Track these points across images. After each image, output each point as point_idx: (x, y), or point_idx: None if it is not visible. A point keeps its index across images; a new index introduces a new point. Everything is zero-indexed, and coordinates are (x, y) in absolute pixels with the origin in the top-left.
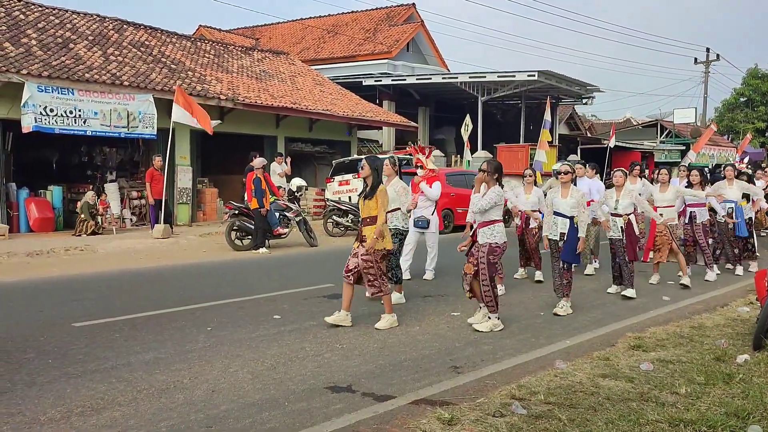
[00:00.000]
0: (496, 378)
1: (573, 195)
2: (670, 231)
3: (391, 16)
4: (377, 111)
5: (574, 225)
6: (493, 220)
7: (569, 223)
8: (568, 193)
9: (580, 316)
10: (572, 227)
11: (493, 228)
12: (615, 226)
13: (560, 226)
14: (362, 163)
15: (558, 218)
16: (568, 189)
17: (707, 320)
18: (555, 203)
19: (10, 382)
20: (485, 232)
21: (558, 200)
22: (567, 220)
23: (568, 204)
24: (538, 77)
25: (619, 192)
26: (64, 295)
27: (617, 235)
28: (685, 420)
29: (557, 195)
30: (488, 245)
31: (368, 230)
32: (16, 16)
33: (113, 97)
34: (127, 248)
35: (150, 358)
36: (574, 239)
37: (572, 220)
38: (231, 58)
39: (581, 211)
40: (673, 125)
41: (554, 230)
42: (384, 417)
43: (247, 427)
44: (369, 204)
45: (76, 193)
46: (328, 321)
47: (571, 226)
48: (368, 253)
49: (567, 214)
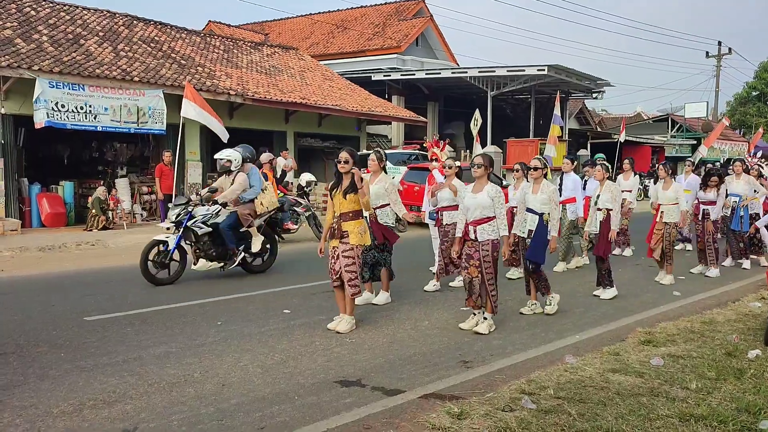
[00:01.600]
0: (505, 373)
1: (544, 191)
2: (667, 230)
3: (401, 11)
4: (386, 106)
5: (543, 222)
6: (491, 216)
7: (538, 220)
8: (539, 189)
9: (590, 312)
10: (541, 224)
11: (492, 224)
12: (596, 221)
13: (529, 223)
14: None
15: (528, 215)
16: (540, 184)
17: (718, 315)
18: (527, 200)
19: (23, 375)
20: (486, 229)
21: (529, 196)
22: (536, 217)
23: (538, 200)
24: (548, 71)
25: (601, 186)
26: (76, 290)
27: (596, 231)
28: (696, 415)
29: (529, 191)
30: (491, 242)
31: (350, 225)
32: (28, 12)
33: (123, 93)
34: (137, 243)
35: (161, 352)
36: (540, 237)
37: (542, 218)
38: (240, 53)
39: (553, 208)
40: (684, 119)
41: (523, 227)
42: (394, 411)
43: (257, 420)
44: (352, 198)
45: (87, 189)
46: (330, 328)
47: (540, 224)
48: (352, 248)
49: (537, 211)
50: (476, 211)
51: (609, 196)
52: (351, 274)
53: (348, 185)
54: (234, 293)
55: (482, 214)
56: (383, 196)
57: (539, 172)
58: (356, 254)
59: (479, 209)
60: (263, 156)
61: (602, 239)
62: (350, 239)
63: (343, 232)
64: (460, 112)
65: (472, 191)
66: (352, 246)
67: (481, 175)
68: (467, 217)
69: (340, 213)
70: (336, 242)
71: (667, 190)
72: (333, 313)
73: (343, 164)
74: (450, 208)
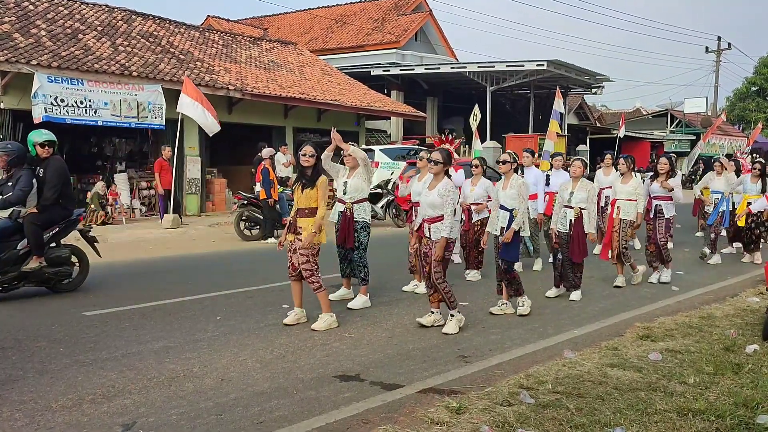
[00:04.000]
0: (504, 367)
1: (513, 185)
2: (621, 228)
3: (400, 6)
4: (385, 101)
5: (514, 219)
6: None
7: (509, 216)
8: (509, 184)
9: (588, 306)
10: (512, 221)
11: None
12: (564, 218)
13: (501, 220)
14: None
15: (500, 212)
16: (509, 179)
17: (716, 310)
18: (499, 196)
19: (22, 369)
20: (438, 228)
21: (500, 192)
22: (507, 214)
23: (508, 195)
24: (547, 67)
25: (575, 183)
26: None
27: (564, 229)
28: (694, 410)
29: (500, 187)
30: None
31: (305, 222)
32: (26, 7)
33: (122, 88)
34: (136, 238)
35: (160, 347)
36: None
37: (512, 214)
38: (239, 48)
39: (519, 201)
40: (684, 115)
41: (495, 224)
42: (392, 406)
43: (256, 415)
44: (309, 194)
45: (86, 184)
46: (286, 323)
47: (510, 220)
48: (305, 247)
49: (507, 207)
50: (429, 210)
51: (585, 195)
52: (307, 271)
53: (308, 180)
54: (233, 288)
55: (435, 213)
56: (363, 190)
57: (508, 166)
58: (310, 252)
59: (431, 208)
60: (265, 151)
61: (576, 242)
62: (304, 236)
63: (297, 228)
64: (459, 108)
65: (428, 188)
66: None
67: (438, 172)
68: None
69: (297, 208)
70: (292, 237)
71: (626, 185)
72: (333, 309)
73: (308, 158)
74: (475, 204)
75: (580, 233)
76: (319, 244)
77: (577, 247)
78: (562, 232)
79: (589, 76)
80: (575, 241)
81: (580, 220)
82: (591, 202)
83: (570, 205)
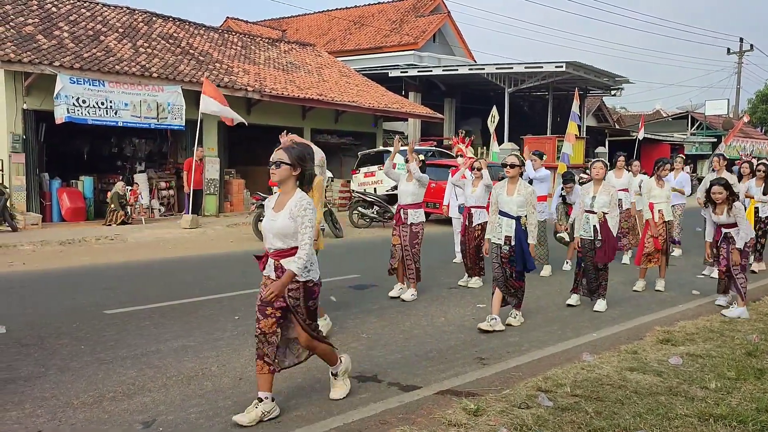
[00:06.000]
0: (522, 370)
1: (520, 192)
2: (666, 231)
3: (418, 7)
4: (403, 102)
5: (521, 227)
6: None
7: (515, 224)
8: (515, 190)
9: (607, 309)
10: (519, 229)
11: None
12: (587, 224)
13: (505, 229)
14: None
15: (503, 219)
16: (516, 185)
17: None
18: (500, 201)
19: (44, 366)
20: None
21: (503, 197)
22: (513, 222)
23: (514, 202)
24: (566, 68)
25: (597, 187)
26: (96, 283)
27: (588, 235)
28: (716, 415)
29: (503, 191)
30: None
31: None
32: (49, 9)
33: (143, 89)
34: (156, 238)
35: (179, 346)
36: (523, 244)
37: (518, 221)
38: (258, 49)
39: (530, 212)
40: (705, 117)
41: (498, 232)
42: (410, 407)
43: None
44: None
45: (106, 184)
46: None
47: (518, 228)
48: None
49: (513, 215)
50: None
51: (607, 199)
52: None
53: None
54: (251, 288)
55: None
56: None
57: (516, 170)
58: None
59: None
60: None
61: (603, 246)
62: None
63: None
64: (477, 109)
65: None
66: None
67: None
68: None
69: None
70: None
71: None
72: (347, 309)
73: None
74: (479, 207)
75: (609, 237)
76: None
77: (603, 251)
78: (586, 239)
79: (608, 78)
80: (604, 244)
81: (605, 224)
82: (613, 206)
83: (593, 210)
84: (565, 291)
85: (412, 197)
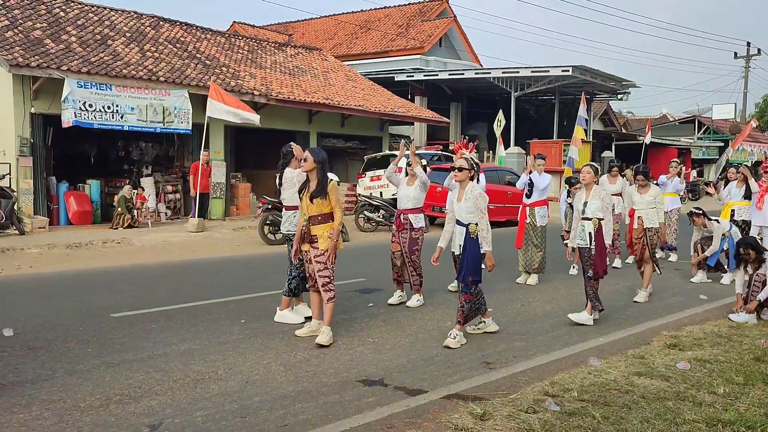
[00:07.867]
0: (528, 374)
1: (468, 197)
2: (646, 236)
3: (424, 12)
4: (409, 106)
5: (471, 235)
6: None
7: (465, 232)
8: (464, 195)
9: (614, 314)
10: (468, 238)
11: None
12: (582, 232)
13: (457, 236)
14: (306, 154)
15: (457, 227)
16: (465, 189)
17: None
18: (454, 208)
19: (51, 369)
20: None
21: (455, 204)
22: (463, 229)
23: (463, 209)
24: (572, 72)
25: (588, 192)
26: (103, 287)
27: (585, 243)
28: (723, 420)
29: (454, 197)
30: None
31: (319, 229)
32: (57, 13)
33: (149, 93)
34: (162, 241)
35: (185, 349)
36: (471, 253)
37: (468, 229)
38: (264, 54)
39: (480, 218)
40: (712, 121)
41: (449, 239)
42: (416, 411)
43: (280, 418)
44: (319, 202)
45: (113, 187)
46: (298, 334)
47: (467, 237)
48: (322, 253)
49: (463, 221)
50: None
51: (599, 204)
52: (324, 278)
53: (315, 189)
54: (257, 292)
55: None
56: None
57: (465, 173)
58: (327, 259)
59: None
60: None
61: (598, 255)
62: (319, 244)
63: (312, 236)
64: (483, 113)
65: None
66: (323, 251)
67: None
68: None
69: (309, 216)
70: (307, 246)
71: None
72: (354, 312)
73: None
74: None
75: (601, 245)
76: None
77: (600, 262)
78: (583, 247)
79: (614, 82)
80: (597, 255)
81: (600, 231)
82: (606, 210)
83: (587, 216)
84: (571, 295)
85: (413, 202)
